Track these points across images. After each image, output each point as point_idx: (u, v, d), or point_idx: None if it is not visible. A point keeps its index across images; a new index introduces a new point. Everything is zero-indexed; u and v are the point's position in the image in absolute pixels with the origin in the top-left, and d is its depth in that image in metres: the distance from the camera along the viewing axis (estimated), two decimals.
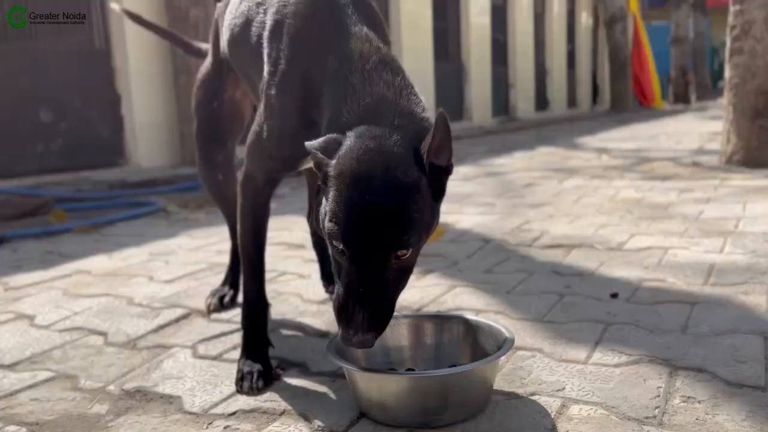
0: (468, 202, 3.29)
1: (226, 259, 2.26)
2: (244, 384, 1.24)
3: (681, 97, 17.73)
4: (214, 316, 1.69)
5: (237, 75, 1.57)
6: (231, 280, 1.80)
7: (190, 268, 2.18)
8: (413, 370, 1.23)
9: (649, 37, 16.85)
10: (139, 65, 5.39)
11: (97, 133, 5.40)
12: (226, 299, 1.75)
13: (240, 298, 1.79)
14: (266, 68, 1.26)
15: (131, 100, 5.43)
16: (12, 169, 4.82)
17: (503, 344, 1.11)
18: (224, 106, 1.68)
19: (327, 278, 1.82)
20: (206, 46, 1.80)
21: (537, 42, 13.87)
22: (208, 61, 1.72)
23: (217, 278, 2.02)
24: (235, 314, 1.64)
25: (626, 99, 15.22)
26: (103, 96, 5.41)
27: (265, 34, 1.28)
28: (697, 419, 1.03)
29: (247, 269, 1.39)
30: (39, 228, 2.99)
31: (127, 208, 3.72)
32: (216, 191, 1.75)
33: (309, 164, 1.34)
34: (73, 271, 2.23)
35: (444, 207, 1.26)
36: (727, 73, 4.09)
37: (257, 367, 1.27)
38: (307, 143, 1.02)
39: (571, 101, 16.05)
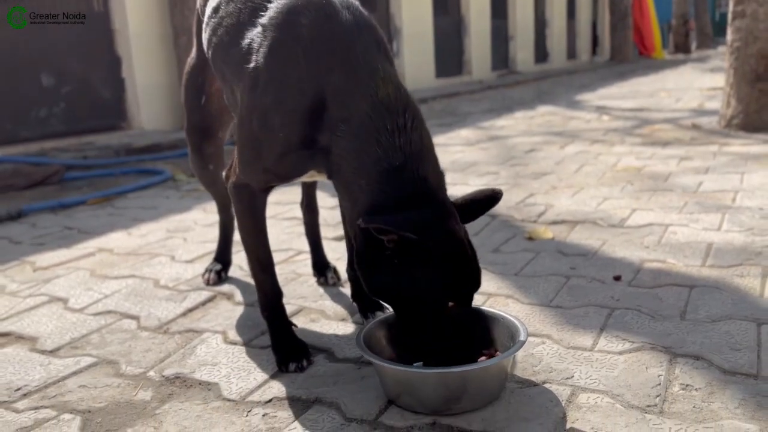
0: (471, 172, 3.36)
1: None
2: (291, 365, 1.35)
3: (681, 47, 17.55)
4: (238, 299, 1.78)
5: None
6: (221, 255, 1.96)
7: (209, 246, 2.27)
8: None
9: None
10: (138, 27, 5.35)
11: (99, 96, 5.40)
12: (223, 274, 1.93)
13: (231, 271, 1.97)
14: (262, 78, 1.23)
15: (132, 62, 5.41)
16: (16, 135, 4.85)
17: (517, 336, 1.21)
18: (212, 99, 1.73)
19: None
20: None
21: None
22: (193, 53, 1.74)
23: (236, 257, 2.11)
24: (256, 298, 1.73)
25: (626, 50, 15.07)
26: (104, 59, 5.39)
27: (263, 50, 1.24)
28: (694, 407, 1.14)
29: (256, 268, 1.45)
30: (54, 201, 3.05)
31: (135, 175, 3.79)
32: (207, 180, 1.90)
33: (309, 177, 1.33)
34: (96, 249, 2.32)
35: (449, 177, 1.36)
36: (729, 36, 4.10)
37: (296, 348, 1.38)
38: (389, 226, 1.08)
39: (571, 53, 15.88)
